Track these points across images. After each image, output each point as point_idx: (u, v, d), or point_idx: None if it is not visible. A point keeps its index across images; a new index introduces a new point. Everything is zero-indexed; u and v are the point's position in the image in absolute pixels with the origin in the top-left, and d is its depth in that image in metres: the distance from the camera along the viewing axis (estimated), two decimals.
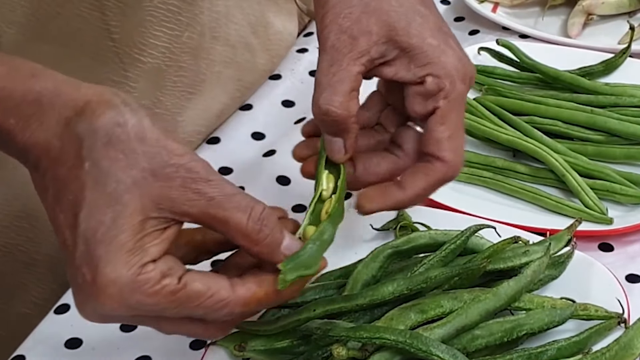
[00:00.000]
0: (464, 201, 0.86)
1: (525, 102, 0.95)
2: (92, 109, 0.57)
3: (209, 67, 0.95)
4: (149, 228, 0.57)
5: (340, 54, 0.68)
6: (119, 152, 0.57)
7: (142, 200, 0.57)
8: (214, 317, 0.60)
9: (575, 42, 1.08)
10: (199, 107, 0.96)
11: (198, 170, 0.58)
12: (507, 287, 0.70)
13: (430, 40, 0.69)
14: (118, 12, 0.83)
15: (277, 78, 1.07)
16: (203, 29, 0.92)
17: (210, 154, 0.97)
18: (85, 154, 0.57)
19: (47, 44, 0.81)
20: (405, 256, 0.77)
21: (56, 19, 0.80)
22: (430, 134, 0.69)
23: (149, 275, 0.57)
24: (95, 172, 0.56)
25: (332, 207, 0.67)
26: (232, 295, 0.60)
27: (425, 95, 0.69)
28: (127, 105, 0.58)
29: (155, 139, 0.58)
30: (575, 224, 0.77)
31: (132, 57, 0.86)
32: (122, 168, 0.57)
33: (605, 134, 0.91)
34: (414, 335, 0.65)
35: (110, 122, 0.57)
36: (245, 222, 0.59)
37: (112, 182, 0.56)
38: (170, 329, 0.62)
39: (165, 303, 0.58)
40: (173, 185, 0.57)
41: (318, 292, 0.74)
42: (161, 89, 0.91)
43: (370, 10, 0.69)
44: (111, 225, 0.56)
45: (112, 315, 0.58)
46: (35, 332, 0.79)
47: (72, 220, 0.57)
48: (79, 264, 0.56)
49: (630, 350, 0.67)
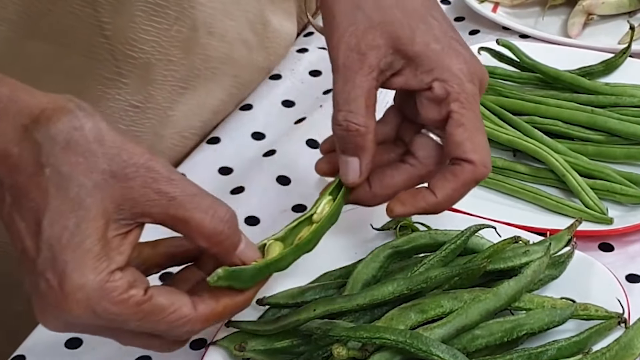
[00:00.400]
0: (464, 201, 0.85)
1: (525, 102, 0.95)
2: (47, 116, 0.57)
3: (204, 63, 0.95)
4: (112, 231, 0.57)
5: (351, 71, 0.69)
6: (79, 156, 0.57)
7: (104, 202, 0.57)
8: (175, 334, 0.61)
9: (576, 42, 1.08)
10: (192, 102, 0.96)
11: (158, 169, 0.58)
12: (507, 287, 0.70)
13: (434, 45, 0.70)
14: (110, 8, 0.83)
15: (277, 78, 1.07)
16: (196, 24, 0.92)
17: (210, 154, 0.97)
18: (44, 161, 0.56)
19: (39, 42, 0.81)
20: (406, 256, 0.77)
21: (48, 16, 0.80)
22: (451, 139, 0.70)
23: (117, 283, 0.57)
24: (56, 178, 0.56)
25: (304, 238, 0.68)
26: (194, 313, 0.61)
27: (436, 101, 0.70)
28: (83, 109, 0.58)
29: (113, 140, 0.58)
30: (575, 224, 0.77)
31: (124, 54, 0.86)
32: (82, 172, 0.56)
33: (606, 133, 0.91)
34: (414, 335, 0.65)
35: (67, 127, 0.57)
36: (205, 222, 0.59)
37: (74, 187, 0.56)
38: (129, 341, 0.63)
39: (129, 314, 0.58)
40: (134, 186, 0.57)
41: (318, 292, 0.74)
42: (152, 84, 0.91)
43: (375, 24, 0.70)
44: (75, 230, 0.56)
45: (75, 322, 0.58)
46: (35, 332, 0.79)
47: (34, 227, 0.56)
48: (42, 269, 0.56)
49: (631, 350, 0.67)
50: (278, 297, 0.74)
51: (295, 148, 0.95)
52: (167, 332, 0.61)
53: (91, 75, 0.86)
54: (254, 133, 1.00)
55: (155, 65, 0.90)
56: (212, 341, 0.72)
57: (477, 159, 0.69)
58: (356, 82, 0.69)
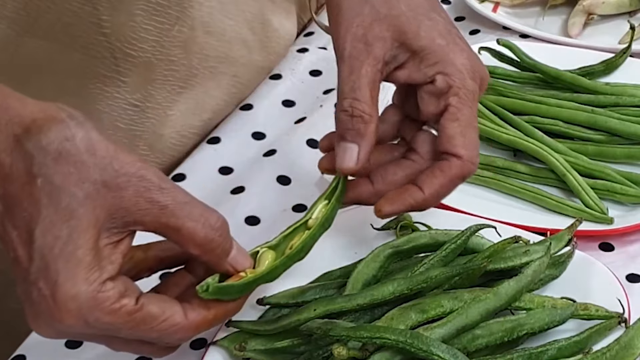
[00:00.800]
0: (464, 201, 0.85)
1: (525, 102, 0.95)
2: (38, 126, 0.57)
3: (202, 62, 0.95)
4: (104, 240, 0.58)
5: (357, 61, 0.70)
6: (70, 166, 0.57)
7: (96, 212, 0.57)
8: (166, 341, 0.62)
9: (576, 41, 1.08)
10: (190, 101, 0.96)
11: (150, 177, 0.59)
12: (508, 286, 0.70)
13: (439, 40, 0.71)
14: (109, 6, 0.83)
15: (278, 78, 1.07)
16: (194, 23, 0.92)
17: (211, 154, 0.97)
18: (36, 171, 0.57)
19: (38, 39, 0.81)
20: (406, 256, 0.77)
21: (47, 13, 0.80)
22: (443, 131, 0.70)
23: (108, 293, 0.57)
24: (48, 188, 0.56)
25: (295, 247, 0.68)
26: (185, 321, 0.61)
27: (437, 94, 0.70)
28: (74, 119, 0.58)
29: (105, 150, 0.58)
30: (575, 224, 0.77)
31: (123, 52, 0.86)
32: (74, 182, 0.57)
33: (606, 133, 0.91)
34: (414, 335, 0.65)
35: (58, 137, 0.57)
36: (197, 230, 0.60)
37: (66, 197, 0.56)
38: (120, 348, 0.63)
39: (121, 323, 0.58)
40: (125, 195, 0.58)
41: (318, 291, 0.74)
42: (152, 83, 0.91)
43: (382, 17, 0.70)
44: (67, 240, 0.56)
45: (67, 331, 0.59)
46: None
47: (26, 236, 0.57)
48: (35, 278, 0.57)
49: (631, 350, 0.67)
50: (278, 297, 0.74)
51: (296, 148, 0.95)
52: (158, 340, 0.62)
53: (90, 73, 0.86)
54: (254, 133, 1.00)
55: (155, 65, 0.90)
56: (213, 341, 0.72)
57: (465, 155, 0.70)
58: (362, 72, 0.69)
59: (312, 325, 0.68)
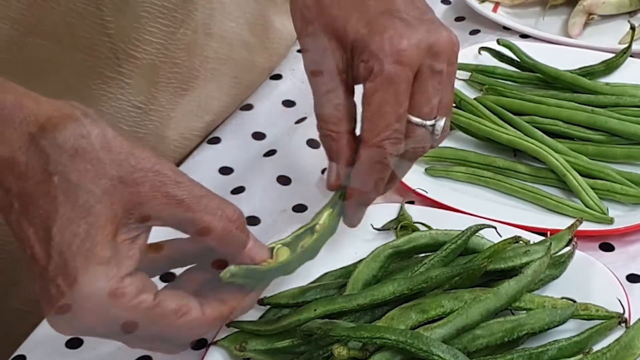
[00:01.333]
0: (464, 201, 0.86)
1: (525, 102, 0.95)
2: (53, 124, 0.57)
3: (203, 64, 0.95)
4: (122, 236, 0.58)
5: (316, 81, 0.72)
6: (87, 163, 0.57)
7: (113, 208, 0.57)
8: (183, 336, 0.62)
9: (576, 42, 1.08)
10: (192, 103, 0.96)
11: (166, 172, 0.59)
12: (508, 287, 0.70)
13: (363, 30, 0.70)
14: (113, 7, 0.83)
15: (278, 78, 1.07)
16: (196, 25, 0.92)
17: (211, 154, 0.97)
18: (52, 169, 0.57)
19: (42, 39, 0.81)
20: (406, 256, 0.77)
21: (51, 14, 0.80)
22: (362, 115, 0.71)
23: (127, 289, 0.57)
24: (65, 186, 0.56)
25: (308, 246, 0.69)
26: (202, 316, 0.61)
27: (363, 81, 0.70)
28: (88, 116, 0.58)
29: (120, 146, 0.58)
30: (576, 224, 0.77)
31: (127, 53, 0.86)
32: (91, 179, 0.57)
33: (606, 133, 0.91)
34: (414, 335, 0.65)
35: (73, 135, 0.57)
36: (214, 223, 0.60)
37: (83, 194, 0.56)
38: (136, 345, 0.63)
39: (139, 318, 0.58)
40: (142, 190, 0.58)
41: (319, 292, 0.74)
42: (155, 85, 0.91)
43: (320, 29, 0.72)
44: (85, 237, 0.56)
45: (86, 327, 0.59)
46: (36, 332, 0.79)
47: (43, 234, 0.57)
48: (54, 275, 0.56)
49: (631, 350, 0.67)
50: (279, 297, 0.74)
51: (296, 148, 0.95)
52: (175, 335, 0.61)
53: (93, 74, 0.86)
54: (254, 133, 1.00)
55: (159, 67, 0.90)
56: (213, 341, 0.72)
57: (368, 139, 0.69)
58: (322, 91, 0.71)
59: (312, 325, 0.68)
